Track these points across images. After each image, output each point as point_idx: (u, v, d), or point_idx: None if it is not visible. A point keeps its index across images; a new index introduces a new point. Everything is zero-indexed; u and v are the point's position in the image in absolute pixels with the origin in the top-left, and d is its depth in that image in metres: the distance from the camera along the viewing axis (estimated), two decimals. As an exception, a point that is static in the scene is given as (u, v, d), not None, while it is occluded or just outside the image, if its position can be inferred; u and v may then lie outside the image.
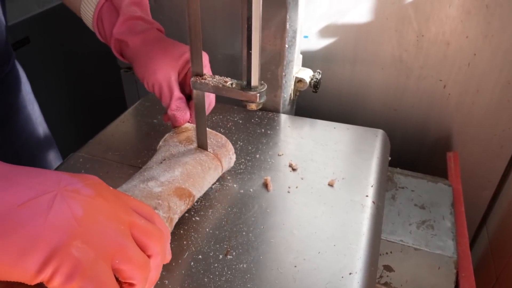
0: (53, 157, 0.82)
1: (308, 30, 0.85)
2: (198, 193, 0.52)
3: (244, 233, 0.51)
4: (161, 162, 0.52)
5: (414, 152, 0.90)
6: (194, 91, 0.50)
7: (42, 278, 0.27)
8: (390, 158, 0.70)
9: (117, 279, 0.31)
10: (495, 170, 0.87)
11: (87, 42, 1.24)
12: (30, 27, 1.07)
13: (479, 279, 0.65)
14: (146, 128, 0.71)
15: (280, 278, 0.46)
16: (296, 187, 0.58)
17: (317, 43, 0.86)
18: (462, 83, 0.81)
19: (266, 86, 0.46)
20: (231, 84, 0.47)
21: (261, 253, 0.48)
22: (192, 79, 0.48)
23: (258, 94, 0.44)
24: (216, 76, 0.49)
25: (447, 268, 0.60)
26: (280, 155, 0.64)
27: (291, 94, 0.76)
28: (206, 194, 0.56)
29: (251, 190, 0.57)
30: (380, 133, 0.71)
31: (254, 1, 0.42)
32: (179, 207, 0.48)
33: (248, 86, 0.45)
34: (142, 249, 0.33)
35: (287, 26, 0.69)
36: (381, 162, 0.65)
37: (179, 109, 0.56)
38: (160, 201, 0.46)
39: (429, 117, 0.86)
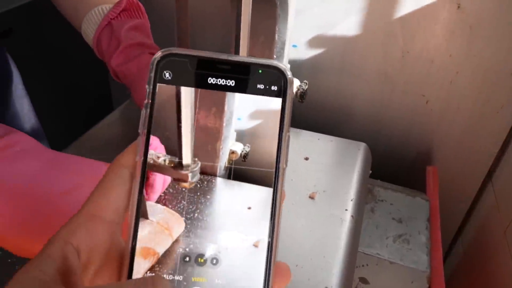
0: None
1: (297, 39, 0.86)
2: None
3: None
4: None
5: (395, 165, 0.92)
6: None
7: None
8: (371, 172, 0.72)
9: None
10: (472, 184, 0.90)
11: (73, 36, 1.22)
12: (14, 18, 1.05)
13: (451, 291, 0.68)
14: (132, 132, 0.71)
15: (257, 291, 0.47)
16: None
17: (305, 53, 0.87)
18: (444, 99, 0.83)
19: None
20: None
21: (240, 265, 0.49)
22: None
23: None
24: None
25: (420, 282, 0.62)
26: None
27: (277, 103, 0.77)
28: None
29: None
30: (362, 146, 0.72)
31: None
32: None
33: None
34: None
35: (276, 37, 0.70)
36: (361, 175, 0.67)
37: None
38: None
39: (411, 131, 0.88)
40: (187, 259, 0.23)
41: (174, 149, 0.54)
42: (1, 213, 0.35)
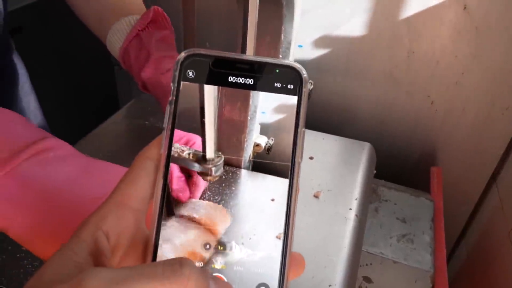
0: None
1: (303, 40, 0.86)
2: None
3: (229, 241, 0.52)
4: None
5: (399, 165, 0.92)
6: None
7: None
8: (375, 171, 0.72)
9: None
10: (476, 186, 0.90)
11: (81, 37, 1.23)
12: (24, 16, 1.06)
13: (454, 292, 0.68)
14: (137, 130, 0.72)
15: (261, 288, 0.47)
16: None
17: (311, 53, 0.87)
18: (449, 100, 0.83)
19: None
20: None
21: (245, 262, 0.50)
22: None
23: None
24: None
25: (424, 281, 0.62)
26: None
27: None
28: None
29: (238, 198, 0.59)
30: (367, 146, 0.72)
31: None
32: None
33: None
34: None
35: (282, 37, 0.70)
36: (366, 175, 0.67)
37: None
38: None
39: (416, 132, 0.89)
40: (208, 246, 0.24)
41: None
42: (31, 216, 0.35)
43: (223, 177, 0.62)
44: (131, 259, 0.23)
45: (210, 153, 0.38)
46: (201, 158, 0.43)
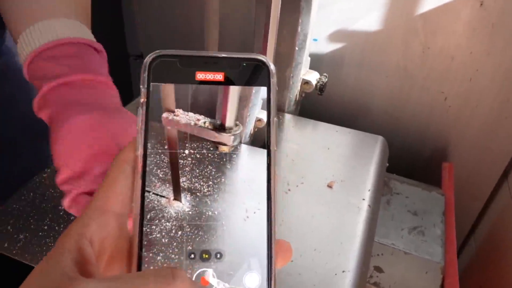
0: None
1: (318, 33, 0.87)
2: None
3: (245, 226, 0.53)
4: None
5: (411, 160, 0.93)
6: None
7: None
8: (388, 165, 0.73)
9: None
10: (488, 182, 0.90)
11: (95, 28, 1.24)
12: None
13: (463, 286, 0.68)
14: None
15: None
16: (297, 186, 0.61)
17: (326, 47, 0.88)
18: (462, 96, 0.83)
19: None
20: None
21: (260, 247, 0.51)
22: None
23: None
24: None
25: (434, 273, 0.63)
26: (281, 154, 0.67)
27: (296, 95, 0.79)
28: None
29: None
30: (380, 139, 0.73)
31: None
32: None
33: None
34: None
35: (299, 29, 0.71)
36: (379, 167, 0.68)
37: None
38: None
39: (429, 127, 0.89)
40: (193, 256, 0.23)
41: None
42: None
43: (224, 151, 0.63)
44: (116, 263, 0.23)
45: (230, 121, 0.37)
46: (219, 127, 0.41)
